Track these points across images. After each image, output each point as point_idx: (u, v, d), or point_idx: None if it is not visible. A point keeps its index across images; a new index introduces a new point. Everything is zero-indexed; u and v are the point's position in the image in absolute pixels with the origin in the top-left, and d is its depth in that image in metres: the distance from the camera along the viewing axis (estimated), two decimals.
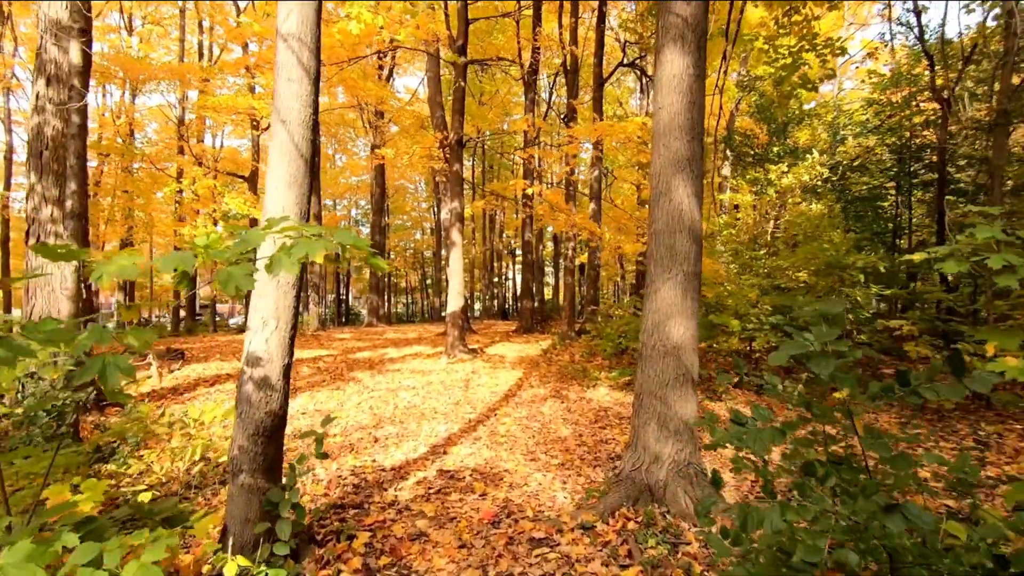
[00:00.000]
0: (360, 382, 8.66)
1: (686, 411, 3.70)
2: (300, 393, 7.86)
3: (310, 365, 10.09)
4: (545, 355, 11.17)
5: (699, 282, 3.82)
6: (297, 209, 2.93)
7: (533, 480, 4.37)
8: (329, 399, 7.52)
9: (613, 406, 7.02)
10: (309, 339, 14.97)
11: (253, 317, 2.93)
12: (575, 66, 12.41)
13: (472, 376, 9.01)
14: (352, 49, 10.47)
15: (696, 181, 3.81)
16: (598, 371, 8.93)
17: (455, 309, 10.63)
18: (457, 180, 10.66)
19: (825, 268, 7.10)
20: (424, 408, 6.99)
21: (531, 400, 7.37)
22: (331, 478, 4.43)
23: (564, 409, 6.85)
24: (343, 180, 28.47)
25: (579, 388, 8.02)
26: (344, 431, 5.85)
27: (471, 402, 7.32)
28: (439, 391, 7.98)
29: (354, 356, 11.41)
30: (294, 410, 6.84)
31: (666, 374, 3.70)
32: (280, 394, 2.94)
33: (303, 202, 2.99)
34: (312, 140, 3.03)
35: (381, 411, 6.83)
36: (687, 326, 3.73)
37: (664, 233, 3.79)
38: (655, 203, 3.87)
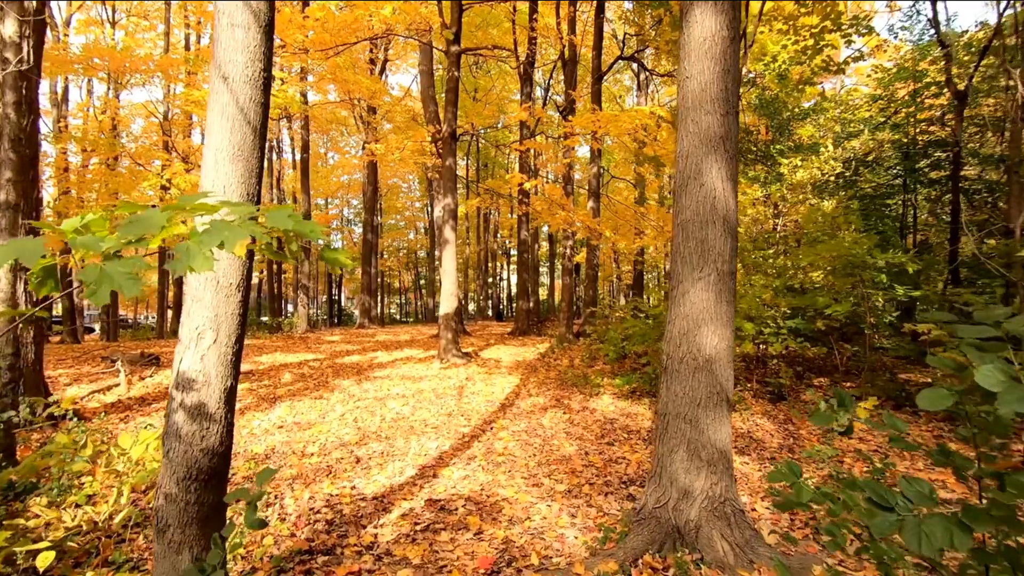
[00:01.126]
0: (346, 390, 7.99)
1: (720, 436, 3.08)
2: (280, 402, 7.18)
3: (294, 370, 9.40)
4: (543, 359, 10.54)
5: (734, 283, 3.20)
6: (243, 189, 2.28)
7: (536, 512, 3.73)
8: (310, 409, 6.84)
9: (619, 417, 6.40)
10: (296, 342, 14.27)
11: (185, 327, 2.28)
12: (573, 57, 11.79)
13: (466, 383, 8.36)
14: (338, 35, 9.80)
15: (731, 163, 3.19)
16: (600, 377, 8.31)
17: (448, 311, 9.98)
18: (450, 175, 10.02)
19: (845, 267, 6.52)
20: (414, 420, 6.33)
21: (530, 411, 6.73)
22: (302, 512, 3.77)
23: (566, 421, 6.22)
24: (335, 178, 27.71)
25: (581, 397, 7.39)
26: (323, 449, 5.18)
27: (465, 413, 6.67)
28: (430, 400, 7.33)
29: (341, 360, 10.72)
30: (270, 423, 6.17)
31: (697, 392, 3.07)
32: (220, 426, 2.28)
33: (251, 181, 2.33)
34: (263, 103, 2.37)
35: (366, 424, 6.16)
36: (722, 335, 3.10)
37: (693, 224, 3.16)
38: (682, 189, 3.25)
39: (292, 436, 5.64)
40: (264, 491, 2.16)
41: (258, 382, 8.41)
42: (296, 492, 4.10)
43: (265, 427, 6.03)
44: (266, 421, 6.31)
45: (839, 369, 7.29)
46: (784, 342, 6.42)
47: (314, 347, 12.99)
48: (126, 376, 8.01)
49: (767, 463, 4.90)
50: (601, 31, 12.07)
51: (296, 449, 5.15)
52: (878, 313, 6.63)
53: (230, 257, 2.24)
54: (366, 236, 21.45)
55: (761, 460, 4.93)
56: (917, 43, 13.25)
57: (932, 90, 12.06)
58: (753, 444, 5.39)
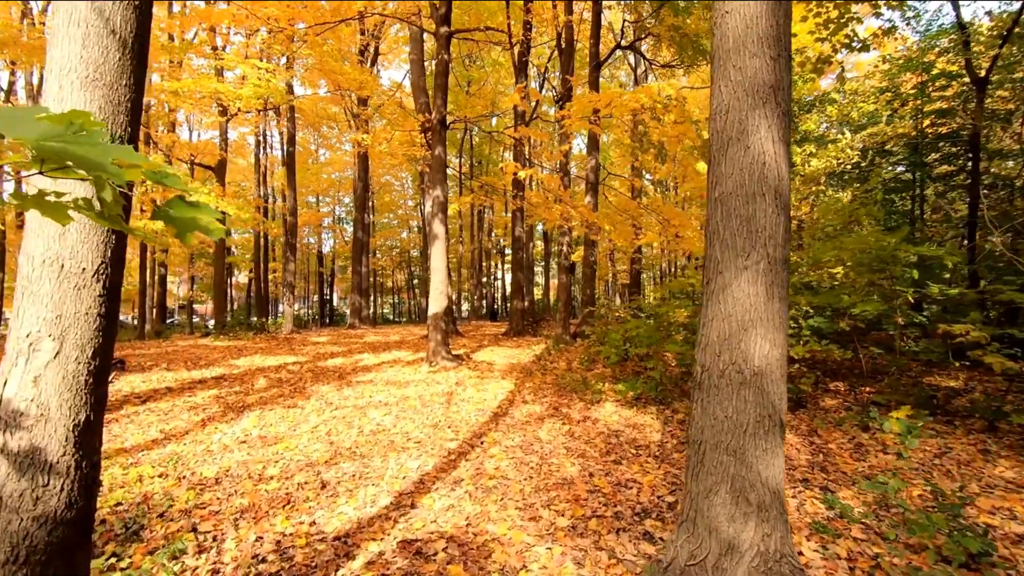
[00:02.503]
0: (324, 397, 7.22)
1: (773, 473, 2.34)
2: (248, 412, 6.41)
3: (270, 375, 8.61)
4: (538, 362, 9.80)
5: (788, 274, 2.46)
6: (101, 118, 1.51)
7: (534, 559, 2.98)
8: (281, 421, 6.07)
9: (624, 429, 5.67)
10: (280, 343, 13.47)
11: (12, 335, 1.51)
12: (570, 42, 11.07)
13: (456, 389, 7.61)
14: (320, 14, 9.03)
15: (783, 120, 2.46)
16: (601, 382, 7.58)
17: (438, 310, 9.22)
18: (439, 165, 9.26)
19: (872, 262, 5.83)
20: (395, 433, 5.57)
21: (525, 421, 5.98)
22: (241, 559, 3.00)
23: (566, 434, 5.48)
24: (325, 175, 26.86)
25: (581, 405, 6.66)
26: (285, 471, 4.41)
27: (453, 424, 5.92)
28: (415, 409, 6.57)
29: (324, 364, 9.94)
30: (232, 438, 5.39)
31: (743, 415, 2.34)
32: (68, 480, 1.52)
33: (119, 118, 1.57)
34: (138, 7, 1.61)
35: (341, 438, 5.40)
36: (774, 341, 2.37)
37: (736, 199, 2.43)
38: (720, 155, 2.52)
39: (253, 454, 4.87)
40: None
41: (228, 388, 7.62)
42: (241, 531, 3.33)
43: (225, 442, 5.26)
44: (228, 435, 5.54)
45: (862, 373, 6.60)
46: (808, 344, 5.71)
47: (297, 349, 12.19)
48: None
49: (799, 485, 4.18)
50: (599, 18, 11.35)
51: (254, 471, 4.38)
52: (907, 313, 5.94)
53: (82, 228, 1.48)
54: (356, 234, 20.65)
55: (793, 482, 4.21)
56: (925, 33, 12.64)
57: (941, 82, 11.44)
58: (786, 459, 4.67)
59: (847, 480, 4.23)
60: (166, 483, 4.08)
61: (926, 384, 6.90)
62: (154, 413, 6.35)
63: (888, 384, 6.66)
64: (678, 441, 5.22)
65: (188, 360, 9.93)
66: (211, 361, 9.91)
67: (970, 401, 6.34)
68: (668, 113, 5.95)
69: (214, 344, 12.93)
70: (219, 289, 14.64)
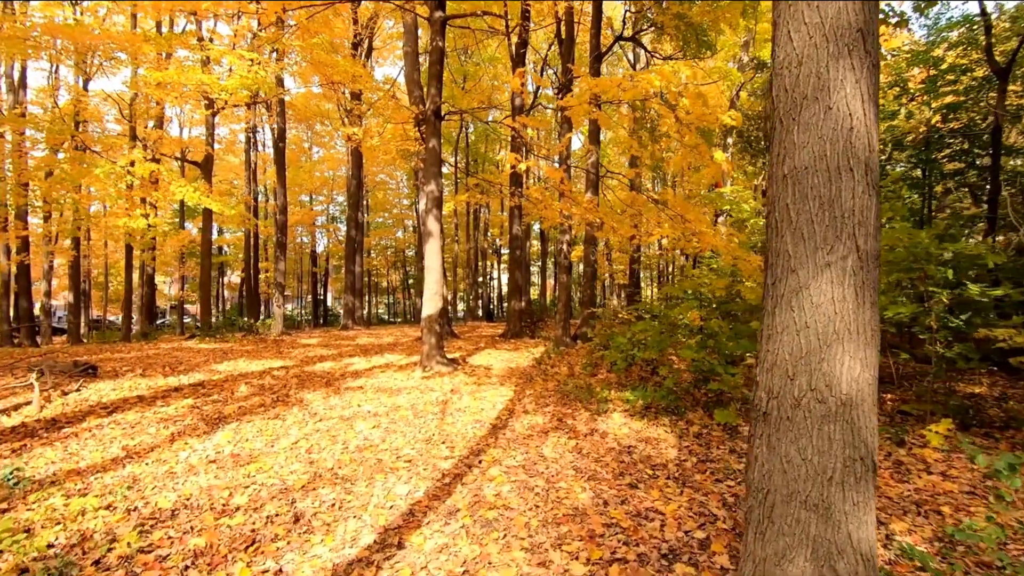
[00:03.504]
0: (308, 406, 6.62)
1: (865, 534, 1.78)
2: (225, 425, 5.80)
3: (253, 382, 7.99)
4: (538, 366, 9.22)
5: (878, 271, 1.90)
6: None
7: None
8: (258, 435, 5.46)
9: (636, 444, 5.10)
10: (269, 346, 12.83)
11: None
12: (571, 32, 10.49)
13: (451, 397, 7.02)
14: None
15: (873, 73, 1.90)
16: (606, 389, 7.01)
17: (432, 312, 8.62)
18: (434, 158, 8.67)
19: (904, 260, 5.29)
20: (383, 450, 4.98)
21: (527, 435, 5.40)
22: None
23: (573, 450, 4.90)
24: (319, 173, 26.17)
25: (587, 415, 6.08)
26: (254, 500, 3.81)
27: (448, 438, 5.33)
28: (407, 420, 5.98)
29: (312, 368, 9.33)
30: (201, 456, 4.78)
31: (828, 458, 1.77)
32: None
33: None
34: None
35: (322, 456, 4.80)
36: (866, 360, 1.81)
37: (814, 175, 1.86)
38: (789, 119, 1.95)
39: (222, 477, 4.26)
40: None
41: (206, 397, 6.99)
42: None
43: (192, 462, 4.65)
44: (198, 452, 4.93)
45: (891, 381, 6.06)
46: None
47: (286, 352, 11.56)
48: (42, 391, 6.56)
49: None
50: (600, 6, 10.78)
51: (218, 500, 3.78)
52: (942, 315, 5.40)
53: None
54: (350, 233, 20.01)
55: None
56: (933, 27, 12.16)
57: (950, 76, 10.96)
58: None
59: (896, 507, 3.68)
60: (112, 517, 3.47)
61: (960, 392, 6.36)
62: (119, 426, 5.73)
63: (916, 392, 6.14)
64: (698, 459, 4.66)
65: (167, 365, 9.29)
66: (192, 366, 9.27)
67: (1004, 411, 5.82)
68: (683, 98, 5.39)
69: (198, 347, 12.28)
70: (205, 289, 13.98)
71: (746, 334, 5.91)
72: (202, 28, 14.00)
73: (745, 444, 5.02)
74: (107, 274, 26.05)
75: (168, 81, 12.23)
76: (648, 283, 32.15)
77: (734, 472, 4.32)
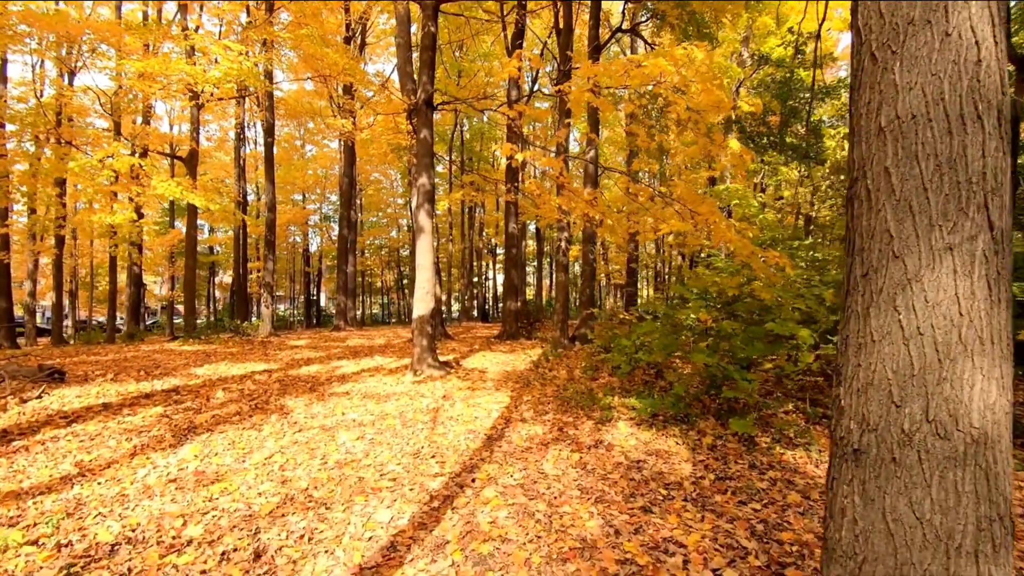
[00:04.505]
0: (289, 415, 6.07)
1: None
2: (194, 437, 5.25)
3: (232, 387, 7.43)
4: (536, 369, 8.71)
5: (1012, 257, 1.39)
6: None
7: None
8: (230, 448, 4.92)
9: (646, 458, 4.59)
10: (255, 348, 12.25)
11: None
12: (568, 22, 9.99)
13: (443, 404, 6.50)
14: None
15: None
16: (609, 395, 6.51)
17: (423, 312, 8.09)
18: (426, 150, 8.15)
19: None
20: (366, 466, 4.45)
21: (526, 447, 4.89)
22: None
23: (577, 465, 4.39)
24: (311, 171, 25.56)
25: (590, 424, 5.57)
26: (211, 529, 3.27)
27: (438, 451, 4.81)
28: (394, 431, 5.45)
29: (297, 372, 8.77)
30: (161, 475, 4.23)
31: (956, 517, 1.26)
32: None
33: None
34: None
35: (297, 474, 4.26)
36: (1001, 378, 1.30)
37: (925, 126, 1.35)
38: (884, 51, 1.44)
39: (180, 500, 3.72)
40: None
41: (178, 405, 6.43)
42: None
43: (150, 481, 4.10)
44: (160, 469, 4.38)
45: None
46: None
47: (271, 355, 11.00)
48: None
49: None
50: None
51: (169, 531, 3.24)
52: None
53: None
54: (342, 232, 19.44)
55: None
56: None
57: None
58: None
59: None
60: (38, 555, 2.92)
61: None
62: (77, 439, 5.16)
63: None
64: (716, 476, 4.15)
65: (143, 368, 8.71)
66: (169, 370, 8.69)
67: None
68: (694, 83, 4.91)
69: (181, 349, 11.68)
70: (189, 288, 13.37)
71: (760, 337, 5.42)
72: (187, 20, 13.39)
73: (765, 458, 4.53)
74: (93, 274, 25.32)
75: (150, 71, 11.64)
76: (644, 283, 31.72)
77: (758, 492, 3.82)
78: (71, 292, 28.34)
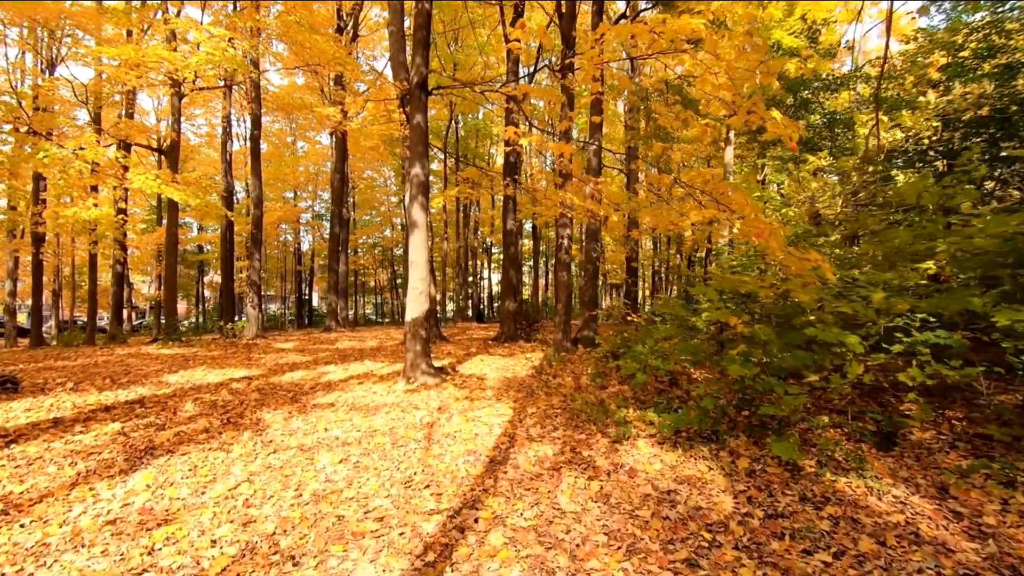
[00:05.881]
0: (264, 431, 5.31)
1: None
2: (151, 460, 4.48)
3: (205, 397, 6.64)
4: (539, 376, 7.98)
5: None
6: None
7: None
8: (189, 476, 4.15)
9: (677, 487, 3.88)
10: (239, 351, 11.43)
11: None
12: (572, 6, 9.27)
13: (438, 418, 5.75)
14: None
15: None
16: (623, 406, 5.79)
17: (417, 315, 7.34)
18: (420, 138, 7.41)
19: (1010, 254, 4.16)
20: (348, 499, 3.70)
21: (535, 473, 4.16)
22: None
23: (598, 498, 3.67)
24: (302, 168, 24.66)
25: (604, 442, 4.86)
26: None
27: (434, 479, 4.07)
28: (383, 452, 4.70)
29: (279, 379, 7.99)
30: (94, 516, 3.47)
31: None
32: None
33: None
34: None
35: (264, 513, 3.51)
36: None
37: None
38: None
39: (110, 554, 2.96)
40: None
41: (140, 419, 5.64)
42: None
43: (84, 523, 3.33)
44: (99, 506, 3.61)
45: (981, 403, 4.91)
46: (929, 367, 3.99)
47: (255, 359, 10.19)
48: None
49: None
50: None
51: None
52: None
53: None
54: (333, 229, 18.62)
55: None
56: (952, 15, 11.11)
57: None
58: (940, 552, 2.92)
59: None
60: None
61: None
62: (13, 463, 4.37)
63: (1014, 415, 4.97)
64: (765, 512, 3.45)
65: (111, 375, 7.89)
66: (139, 377, 7.88)
67: None
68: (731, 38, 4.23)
69: (158, 352, 10.84)
70: (171, 287, 12.51)
71: (800, 343, 4.72)
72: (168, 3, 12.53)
73: (815, 487, 3.82)
74: (75, 273, 24.30)
75: (126, 59, 10.78)
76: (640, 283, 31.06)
77: (822, 537, 3.12)
78: (55, 292, 27.27)
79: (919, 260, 5.27)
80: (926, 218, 5.60)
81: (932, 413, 4.33)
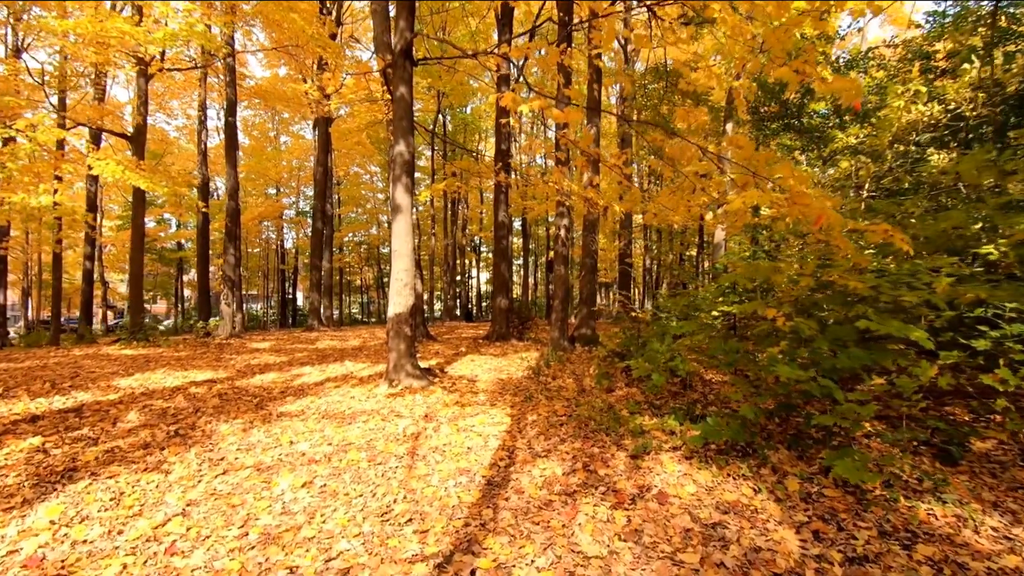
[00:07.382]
0: (216, 447, 4.40)
1: None
2: (68, 485, 3.56)
3: (155, 404, 5.69)
4: (536, 377, 7.15)
5: None
6: None
7: None
8: (112, 505, 3.25)
9: (721, 517, 3.07)
10: (209, 351, 10.42)
11: None
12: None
13: (424, 427, 4.88)
14: None
15: None
16: (637, 413, 4.99)
17: (401, 310, 6.47)
18: (404, 112, 6.54)
19: None
20: (306, 539, 2.83)
21: (543, 500, 3.32)
22: None
23: (626, 535, 2.84)
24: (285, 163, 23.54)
25: (622, 456, 4.04)
26: None
27: (417, 509, 3.21)
28: (358, 471, 3.83)
29: (246, 382, 7.05)
30: None
31: None
32: None
33: None
34: None
35: (193, 563, 2.63)
36: None
37: None
38: None
39: None
40: None
41: (68, 432, 4.69)
42: None
43: None
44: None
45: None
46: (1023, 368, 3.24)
47: (225, 360, 9.21)
48: None
49: None
50: None
51: None
52: None
53: None
54: (316, 225, 17.61)
55: None
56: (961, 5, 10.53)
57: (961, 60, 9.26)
58: None
59: None
60: None
61: None
62: None
63: None
64: (843, 555, 2.65)
65: (55, 379, 6.88)
66: (87, 380, 6.89)
67: None
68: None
69: (119, 353, 9.79)
70: (136, 284, 11.44)
71: (852, 339, 3.95)
72: None
73: (891, 516, 3.05)
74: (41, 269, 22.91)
75: (82, 32, 9.71)
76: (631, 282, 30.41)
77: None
78: (24, 290, 25.78)
79: (972, 246, 4.55)
80: (976, 197, 4.89)
81: (1017, 417, 3.58)
